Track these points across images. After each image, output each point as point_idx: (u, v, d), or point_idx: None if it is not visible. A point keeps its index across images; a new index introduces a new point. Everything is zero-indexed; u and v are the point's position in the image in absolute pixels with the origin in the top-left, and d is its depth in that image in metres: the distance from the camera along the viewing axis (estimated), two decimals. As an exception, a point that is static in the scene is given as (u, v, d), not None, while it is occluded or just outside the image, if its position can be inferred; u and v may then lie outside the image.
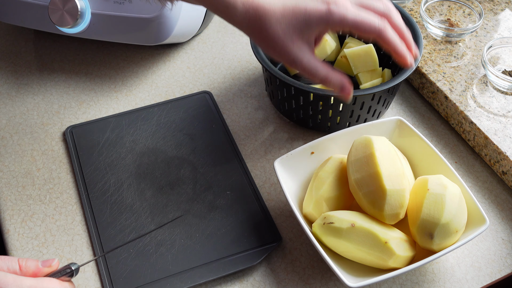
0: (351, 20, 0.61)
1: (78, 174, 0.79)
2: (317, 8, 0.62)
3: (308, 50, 0.63)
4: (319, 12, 0.61)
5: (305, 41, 0.63)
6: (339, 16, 0.61)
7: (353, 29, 0.62)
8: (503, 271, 0.71)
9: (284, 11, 0.62)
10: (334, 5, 0.62)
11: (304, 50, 0.63)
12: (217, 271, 0.69)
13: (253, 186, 0.78)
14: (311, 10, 0.61)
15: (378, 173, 0.65)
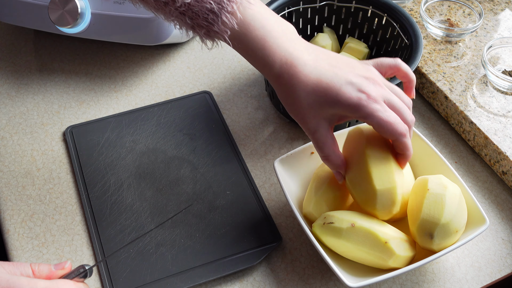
0: (377, 120, 0.61)
1: (78, 174, 0.79)
2: (349, 97, 0.61)
3: (326, 126, 0.64)
4: (349, 102, 0.61)
5: (327, 119, 0.64)
6: (367, 112, 0.61)
7: (375, 127, 0.62)
8: (503, 271, 0.71)
9: (317, 87, 0.62)
10: (366, 99, 0.61)
11: (321, 125, 0.64)
12: (217, 271, 0.69)
13: (253, 186, 0.78)
14: (342, 97, 0.61)
15: (368, 173, 0.65)
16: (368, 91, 0.62)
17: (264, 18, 0.63)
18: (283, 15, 0.89)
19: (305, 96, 0.62)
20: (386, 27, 0.89)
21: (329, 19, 0.93)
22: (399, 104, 0.64)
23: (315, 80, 0.62)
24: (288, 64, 0.62)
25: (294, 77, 0.62)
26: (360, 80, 0.62)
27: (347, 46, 0.91)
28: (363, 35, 0.93)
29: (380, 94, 0.62)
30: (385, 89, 0.64)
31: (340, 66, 0.63)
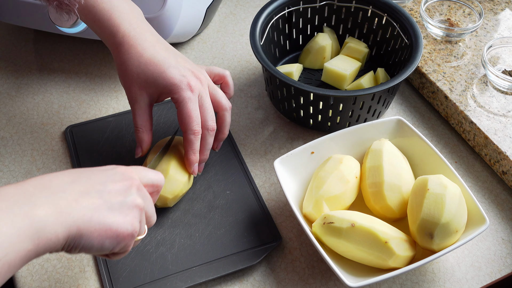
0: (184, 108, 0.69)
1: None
2: (173, 76, 0.69)
3: (146, 100, 0.70)
4: (171, 81, 0.69)
5: (149, 93, 0.70)
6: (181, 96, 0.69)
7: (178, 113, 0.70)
8: (503, 271, 0.71)
9: (149, 60, 0.69)
10: (186, 85, 0.69)
11: (142, 98, 0.70)
12: (217, 271, 0.69)
13: (253, 185, 0.78)
14: (167, 75, 0.69)
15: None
16: (190, 80, 0.69)
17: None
18: (283, 15, 0.89)
19: (137, 65, 0.69)
20: (386, 27, 0.90)
21: (329, 19, 0.93)
22: (209, 107, 0.71)
23: (150, 54, 0.69)
24: (130, 36, 0.70)
25: (133, 47, 0.69)
26: (188, 71, 0.70)
27: (347, 46, 0.91)
28: (363, 35, 0.93)
29: (199, 88, 0.70)
30: (205, 88, 0.72)
31: (175, 55, 0.71)
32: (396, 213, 0.70)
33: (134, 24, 0.71)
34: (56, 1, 0.67)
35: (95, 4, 0.70)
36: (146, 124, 0.71)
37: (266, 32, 0.87)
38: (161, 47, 0.71)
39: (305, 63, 0.93)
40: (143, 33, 0.71)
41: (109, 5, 0.70)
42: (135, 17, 0.72)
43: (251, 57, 0.97)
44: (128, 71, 0.70)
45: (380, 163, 0.71)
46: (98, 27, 0.71)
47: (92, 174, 0.53)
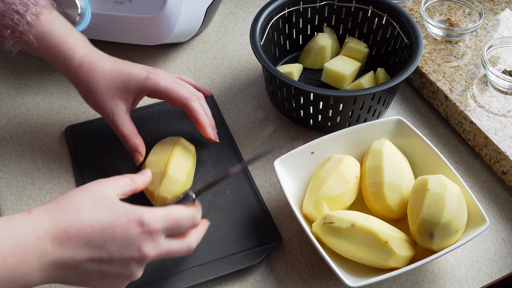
0: (163, 87, 0.72)
1: (78, 174, 0.79)
2: (139, 72, 0.72)
3: (123, 108, 0.73)
4: (139, 77, 0.72)
5: (123, 100, 0.73)
6: (154, 82, 0.72)
7: (164, 96, 0.73)
8: (503, 270, 0.71)
9: (112, 70, 0.72)
10: (153, 73, 0.73)
11: (120, 108, 0.73)
12: (217, 271, 0.69)
13: (253, 185, 0.78)
14: (134, 74, 0.72)
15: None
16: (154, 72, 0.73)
17: (63, 21, 0.74)
18: (283, 15, 0.89)
19: (102, 78, 0.72)
20: (386, 27, 0.90)
21: (329, 19, 0.93)
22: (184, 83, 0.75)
23: (111, 65, 0.73)
24: (86, 56, 0.73)
25: (93, 64, 0.72)
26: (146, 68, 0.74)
27: (347, 46, 0.91)
28: (363, 35, 0.93)
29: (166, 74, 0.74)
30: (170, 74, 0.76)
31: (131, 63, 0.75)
32: (396, 213, 0.70)
33: (87, 46, 0.74)
34: (10, 28, 0.70)
35: (50, 29, 0.72)
36: (132, 130, 0.74)
37: (266, 32, 0.87)
38: (116, 59, 0.75)
39: (305, 63, 0.93)
40: (96, 51, 0.74)
41: (63, 30, 0.73)
42: (85, 40, 0.75)
43: (251, 57, 0.97)
44: (95, 87, 0.72)
45: (380, 163, 0.71)
46: (54, 53, 0.73)
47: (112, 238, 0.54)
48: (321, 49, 0.90)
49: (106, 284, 0.56)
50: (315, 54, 0.91)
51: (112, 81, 0.72)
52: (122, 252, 0.54)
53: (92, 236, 0.53)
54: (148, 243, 0.56)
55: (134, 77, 0.72)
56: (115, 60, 0.74)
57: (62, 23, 0.73)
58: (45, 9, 0.71)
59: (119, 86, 0.72)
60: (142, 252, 0.55)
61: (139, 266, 0.56)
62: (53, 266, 0.52)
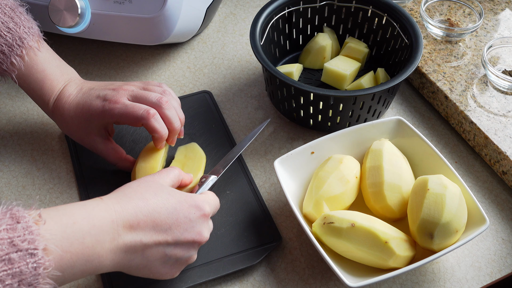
0: (117, 113, 0.71)
1: (78, 174, 0.79)
2: (97, 107, 0.72)
3: (99, 140, 0.75)
4: (98, 111, 0.72)
5: (97, 134, 0.74)
6: (109, 114, 0.72)
7: (122, 120, 0.72)
8: (503, 271, 0.71)
9: (76, 111, 0.74)
10: (108, 102, 0.72)
11: (97, 141, 0.75)
12: (217, 271, 0.69)
13: (253, 185, 0.78)
14: (93, 110, 0.73)
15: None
16: (110, 97, 0.72)
17: (46, 63, 0.75)
18: (283, 15, 0.89)
19: (71, 120, 0.74)
20: (386, 27, 0.90)
21: (329, 19, 0.93)
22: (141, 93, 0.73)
23: (75, 105, 0.74)
24: (57, 100, 0.75)
25: (61, 109, 0.75)
26: (106, 91, 0.73)
27: (347, 46, 0.91)
28: (363, 35, 0.93)
29: (121, 95, 0.73)
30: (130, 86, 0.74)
31: (96, 87, 0.75)
32: (396, 213, 0.70)
33: (62, 87, 0.76)
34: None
35: (30, 73, 0.74)
36: (117, 156, 0.76)
37: (266, 32, 0.87)
38: (84, 90, 0.75)
39: (305, 63, 0.93)
40: (67, 91, 0.75)
41: (42, 74, 0.75)
42: (65, 80, 0.76)
43: (251, 57, 0.97)
44: (70, 130, 0.76)
45: (380, 163, 0.71)
46: (33, 95, 0.76)
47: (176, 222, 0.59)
48: (321, 49, 0.90)
49: (166, 269, 0.61)
50: (315, 54, 0.91)
51: (79, 123, 0.74)
52: (186, 235, 0.60)
53: (159, 220, 0.58)
54: (205, 225, 0.62)
55: (94, 112, 0.73)
56: (81, 94, 0.74)
57: (42, 68, 0.75)
58: (31, 50, 0.74)
59: (86, 125, 0.74)
60: (201, 234, 0.61)
61: (196, 248, 0.62)
62: (124, 249, 0.56)
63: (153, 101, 0.72)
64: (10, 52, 0.72)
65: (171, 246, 0.59)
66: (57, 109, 0.75)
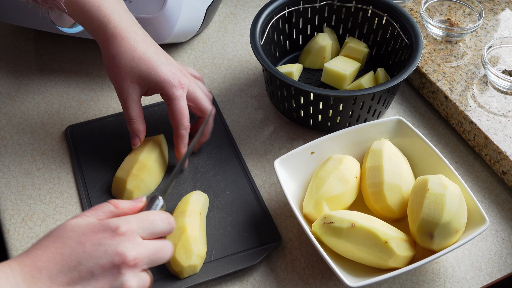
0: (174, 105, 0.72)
1: (78, 173, 0.79)
2: (166, 73, 0.71)
3: (138, 92, 0.73)
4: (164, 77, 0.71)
5: (141, 86, 0.72)
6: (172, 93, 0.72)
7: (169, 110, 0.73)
8: (503, 271, 0.71)
9: (142, 55, 0.71)
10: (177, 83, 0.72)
11: (135, 91, 0.72)
12: (217, 271, 0.68)
13: (253, 186, 0.78)
14: (160, 71, 0.71)
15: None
16: (180, 78, 0.73)
17: None
18: (283, 15, 0.89)
19: (131, 59, 0.70)
20: (386, 27, 0.90)
21: (329, 19, 0.93)
22: (200, 94, 0.76)
23: (143, 49, 0.71)
24: (121, 28, 0.70)
25: (125, 40, 0.70)
26: (177, 69, 0.73)
27: (347, 46, 0.91)
28: (363, 35, 0.93)
29: (188, 84, 0.74)
30: (192, 82, 0.75)
31: (163, 52, 0.74)
32: (396, 213, 0.70)
33: (124, 15, 0.72)
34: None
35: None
36: (140, 114, 0.74)
37: (266, 32, 0.87)
38: (151, 42, 0.74)
39: (305, 63, 0.93)
40: (133, 26, 0.72)
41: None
42: (122, 9, 0.73)
43: (251, 57, 0.97)
44: (121, 64, 0.71)
45: (380, 163, 0.71)
46: (87, 19, 0.71)
47: (84, 254, 0.51)
48: (321, 49, 0.90)
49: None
50: (315, 54, 0.91)
51: (139, 67, 0.71)
52: (100, 262, 0.51)
53: (63, 261, 0.51)
54: (125, 243, 0.52)
55: (159, 75, 0.71)
56: (150, 44, 0.73)
57: None
58: None
59: (143, 75, 0.71)
60: (120, 253, 0.51)
61: (126, 272, 0.52)
62: None
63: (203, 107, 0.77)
64: None
65: (90, 281, 0.51)
66: (118, 39, 0.71)
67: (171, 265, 0.67)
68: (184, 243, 0.67)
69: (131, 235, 0.53)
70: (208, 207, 0.75)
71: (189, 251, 0.67)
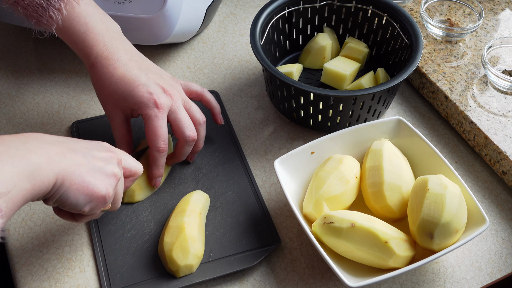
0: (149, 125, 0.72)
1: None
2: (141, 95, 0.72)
3: (121, 116, 0.74)
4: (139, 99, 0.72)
5: (123, 110, 0.73)
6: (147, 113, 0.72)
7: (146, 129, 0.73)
8: (503, 271, 0.71)
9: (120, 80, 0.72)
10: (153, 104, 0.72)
11: (117, 115, 0.73)
12: (214, 271, 0.68)
13: (254, 187, 0.78)
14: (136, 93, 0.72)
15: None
16: (158, 99, 0.72)
17: (88, 16, 0.74)
18: (283, 15, 0.89)
19: (109, 84, 0.72)
20: (386, 27, 0.89)
21: (329, 19, 0.93)
22: (184, 119, 0.74)
23: (121, 73, 0.72)
24: (102, 57, 0.73)
25: (105, 67, 0.73)
26: (158, 88, 0.72)
27: (347, 46, 0.91)
28: (363, 35, 0.93)
29: (168, 105, 0.72)
30: (177, 103, 0.74)
31: (148, 72, 0.74)
32: (396, 213, 0.70)
33: (108, 44, 0.74)
34: (35, 19, 0.72)
35: (71, 25, 0.73)
36: (124, 138, 0.75)
37: (266, 32, 0.87)
38: (134, 64, 0.74)
39: (305, 63, 0.93)
40: (117, 53, 0.74)
41: (85, 27, 0.73)
42: (111, 37, 0.74)
43: (251, 57, 0.97)
44: (102, 89, 0.73)
45: (380, 163, 0.71)
46: (74, 47, 0.75)
47: (80, 140, 0.61)
48: (321, 49, 0.90)
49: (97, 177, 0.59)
50: (315, 54, 0.91)
51: (116, 91, 0.72)
52: (95, 148, 0.61)
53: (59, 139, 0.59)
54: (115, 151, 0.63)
55: (134, 97, 0.72)
56: (131, 67, 0.73)
57: (84, 21, 0.73)
58: (69, 3, 0.72)
59: (120, 98, 0.72)
60: (113, 151, 0.62)
61: (116, 164, 0.62)
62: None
63: (198, 120, 0.76)
64: (48, 6, 0.71)
65: (88, 152, 0.60)
66: (98, 67, 0.73)
67: (167, 264, 0.67)
68: (182, 242, 0.67)
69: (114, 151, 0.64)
70: (208, 207, 0.75)
71: (186, 251, 0.67)
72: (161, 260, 0.69)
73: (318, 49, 0.90)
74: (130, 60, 0.74)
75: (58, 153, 0.56)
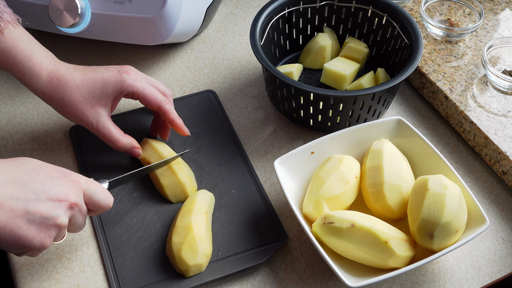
0: (140, 89, 0.73)
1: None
2: (112, 75, 0.72)
3: (104, 114, 0.73)
4: (114, 80, 0.72)
5: (103, 106, 0.73)
6: (130, 84, 0.72)
7: (141, 97, 0.74)
8: (503, 271, 0.71)
9: (84, 79, 0.72)
10: (127, 74, 0.73)
11: (101, 115, 0.73)
12: (223, 270, 0.68)
13: (258, 184, 0.78)
14: (107, 78, 0.72)
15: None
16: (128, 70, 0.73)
17: (29, 37, 0.73)
18: (283, 15, 0.89)
19: (77, 89, 0.72)
20: (386, 27, 0.90)
21: (329, 19, 0.93)
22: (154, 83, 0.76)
23: (81, 75, 0.73)
24: (55, 71, 0.72)
25: (63, 79, 0.72)
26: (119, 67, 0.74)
27: (347, 46, 0.91)
28: (363, 35, 0.93)
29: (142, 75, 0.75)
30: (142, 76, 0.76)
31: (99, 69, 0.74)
32: (396, 213, 0.70)
33: (53, 60, 0.74)
34: None
35: (15, 45, 0.71)
36: (118, 132, 0.74)
37: (266, 32, 0.87)
38: (82, 67, 0.75)
39: (305, 63, 0.93)
40: (62, 64, 0.74)
41: (28, 46, 0.72)
42: (51, 55, 0.75)
43: (251, 57, 0.97)
44: (72, 100, 0.72)
45: (380, 163, 0.71)
46: (19, 70, 0.72)
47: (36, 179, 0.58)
48: (321, 49, 0.90)
49: (33, 231, 0.57)
50: (315, 54, 0.91)
51: (88, 91, 0.72)
52: (48, 192, 0.57)
53: (15, 176, 0.56)
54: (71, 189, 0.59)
55: (109, 81, 0.72)
56: (83, 69, 0.74)
57: (28, 39, 0.73)
58: (9, 24, 0.71)
59: (97, 93, 0.72)
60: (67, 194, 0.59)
61: (65, 212, 0.59)
62: None
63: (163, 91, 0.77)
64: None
65: (33, 202, 0.57)
66: (56, 80, 0.72)
67: (177, 264, 0.67)
68: (190, 242, 0.67)
69: (78, 185, 0.61)
70: (214, 206, 0.75)
71: (195, 250, 0.67)
72: (170, 260, 0.69)
73: (318, 49, 0.90)
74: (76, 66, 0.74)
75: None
